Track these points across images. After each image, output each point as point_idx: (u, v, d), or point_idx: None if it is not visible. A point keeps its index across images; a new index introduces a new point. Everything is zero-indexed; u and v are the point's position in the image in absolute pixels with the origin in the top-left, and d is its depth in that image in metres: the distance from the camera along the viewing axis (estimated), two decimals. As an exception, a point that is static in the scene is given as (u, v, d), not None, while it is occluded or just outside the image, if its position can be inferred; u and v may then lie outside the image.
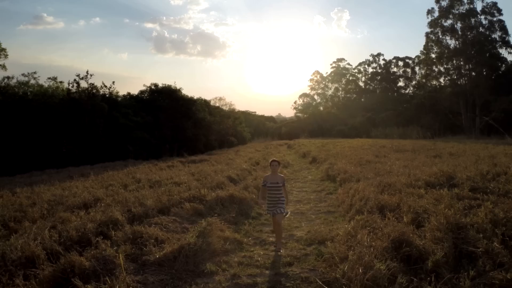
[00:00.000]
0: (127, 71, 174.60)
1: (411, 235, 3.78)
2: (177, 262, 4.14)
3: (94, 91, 27.30)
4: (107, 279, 3.47)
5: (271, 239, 5.37)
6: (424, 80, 49.47)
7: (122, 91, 30.84)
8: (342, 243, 4.06)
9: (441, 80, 45.71)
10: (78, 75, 27.02)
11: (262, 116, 77.23)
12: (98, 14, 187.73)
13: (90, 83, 27.25)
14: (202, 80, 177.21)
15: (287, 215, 5.36)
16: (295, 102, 76.35)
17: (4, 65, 27.34)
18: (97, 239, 4.88)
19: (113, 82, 29.79)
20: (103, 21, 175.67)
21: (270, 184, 5.01)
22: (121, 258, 3.83)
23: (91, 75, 27.36)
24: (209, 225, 5.04)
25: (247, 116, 60.46)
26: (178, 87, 34.31)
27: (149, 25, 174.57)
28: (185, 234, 5.12)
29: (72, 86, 26.71)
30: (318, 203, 7.66)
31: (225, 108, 51.62)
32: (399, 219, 4.59)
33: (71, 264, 3.97)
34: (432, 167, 8.67)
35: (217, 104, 50.47)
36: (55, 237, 5.27)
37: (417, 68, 60.44)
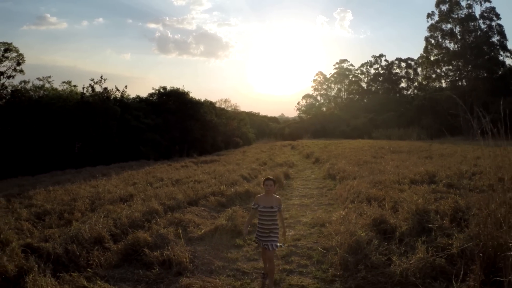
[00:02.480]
0: (130, 71, 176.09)
1: (388, 216, 5.15)
2: (214, 238, 5.53)
3: (107, 95, 28.87)
4: (169, 248, 4.85)
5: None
6: (424, 82, 50.77)
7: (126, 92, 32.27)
8: (338, 223, 5.44)
9: (442, 81, 47.01)
10: (92, 80, 28.65)
11: (265, 117, 78.58)
12: (101, 14, 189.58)
13: (104, 87, 28.89)
14: (205, 80, 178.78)
15: (282, 246, 4.62)
16: (298, 103, 77.74)
17: (22, 69, 28.98)
18: (148, 223, 6.30)
19: (126, 86, 31.18)
20: (106, 22, 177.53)
21: (262, 208, 4.14)
22: (180, 232, 5.23)
23: (105, 80, 29.02)
24: (234, 212, 6.43)
25: (251, 117, 61.84)
26: (186, 90, 35.88)
27: (152, 26, 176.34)
28: (215, 219, 6.51)
29: (87, 90, 28.34)
30: (320, 197, 9.02)
31: (230, 109, 53.15)
32: (382, 206, 5.95)
33: (137, 239, 5.35)
34: (419, 167, 10.02)
35: (223, 106, 52.05)
36: (111, 223, 6.65)
37: (419, 69, 61.62)
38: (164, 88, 35.92)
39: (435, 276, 3.52)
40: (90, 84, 28.22)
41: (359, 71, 73.00)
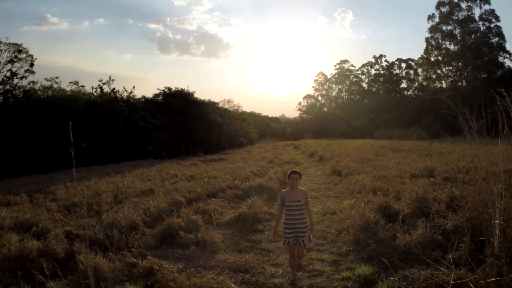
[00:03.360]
0: (131, 71, 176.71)
1: (391, 203, 5.89)
2: (238, 223, 6.27)
3: (114, 95, 29.67)
4: (202, 231, 5.57)
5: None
6: (425, 83, 51.59)
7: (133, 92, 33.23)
8: (348, 210, 6.17)
9: (443, 82, 47.82)
10: (101, 80, 29.48)
11: (267, 117, 79.33)
12: (102, 14, 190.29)
13: (112, 88, 29.70)
14: (206, 80, 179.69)
15: (310, 242, 4.39)
16: (299, 103, 78.50)
17: (31, 70, 29.71)
18: (177, 212, 7.01)
19: (134, 87, 31.91)
20: (107, 22, 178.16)
21: (289, 203, 4.08)
22: (219, 210, 5.95)
23: (113, 81, 29.83)
24: (253, 202, 7.15)
25: (253, 117, 62.55)
26: (191, 91, 36.66)
27: (153, 26, 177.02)
28: (236, 209, 7.23)
29: (96, 91, 29.17)
30: (327, 191, 9.75)
31: (233, 109, 53.94)
32: (386, 195, 6.68)
33: (171, 224, 6.06)
34: (419, 164, 10.74)
35: (226, 106, 52.86)
36: (141, 212, 7.36)
37: (419, 70, 62.33)
38: (169, 89, 36.70)
39: (433, 248, 4.24)
40: (98, 85, 29.04)
41: (359, 72, 73.80)
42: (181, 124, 33.43)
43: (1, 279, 4.71)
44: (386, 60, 69.97)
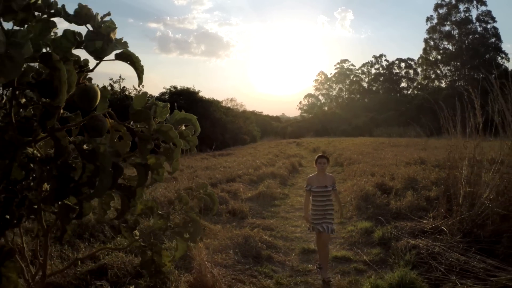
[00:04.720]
0: (131, 70, 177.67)
1: (387, 181, 7.13)
2: (259, 199, 7.50)
3: (124, 94, 30.89)
4: (232, 203, 6.79)
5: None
6: (424, 82, 52.86)
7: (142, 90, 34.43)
8: (350, 188, 7.39)
9: (442, 81, 49.09)
10: (111, 79, 30.72)
11: (267, 116, 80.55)
12: (102, 14, 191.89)
13: (122, 87, 30.94)
14: (206, 80, 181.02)
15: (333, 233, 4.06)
16: (300, 102, 79.76)
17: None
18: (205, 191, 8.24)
19: (143, 86, 33.03)
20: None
21: (316, 188, 3.93)
22: (241, 190, 7.17)
23: (123, 79, 31.05)
24: (269, 184, 8.38)
25: (254, 116, 63.69)
26: (196, 90, 37.87)
27: (153, 25, 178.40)
28: (254, 190, 8.44)
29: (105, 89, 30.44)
30: (332, 178, 10.98)
31: (235, 108, 55.16)
32: (383, 177, 7.92)
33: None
34: (414, 155, 11.98)
35: (229, 105, 54.09)
36: (173, 192, 8.57)
37: (419, 69, 63.50)
38: (175, 87, 37.88)
39: (418, 210, 5.47)
40: (110, 83, 30.21)
41: (360, 71, 75.04)
42: (187, 122, 34.68)
43: (71, 240, 5.94)
44: (386, 60, 71.25)
